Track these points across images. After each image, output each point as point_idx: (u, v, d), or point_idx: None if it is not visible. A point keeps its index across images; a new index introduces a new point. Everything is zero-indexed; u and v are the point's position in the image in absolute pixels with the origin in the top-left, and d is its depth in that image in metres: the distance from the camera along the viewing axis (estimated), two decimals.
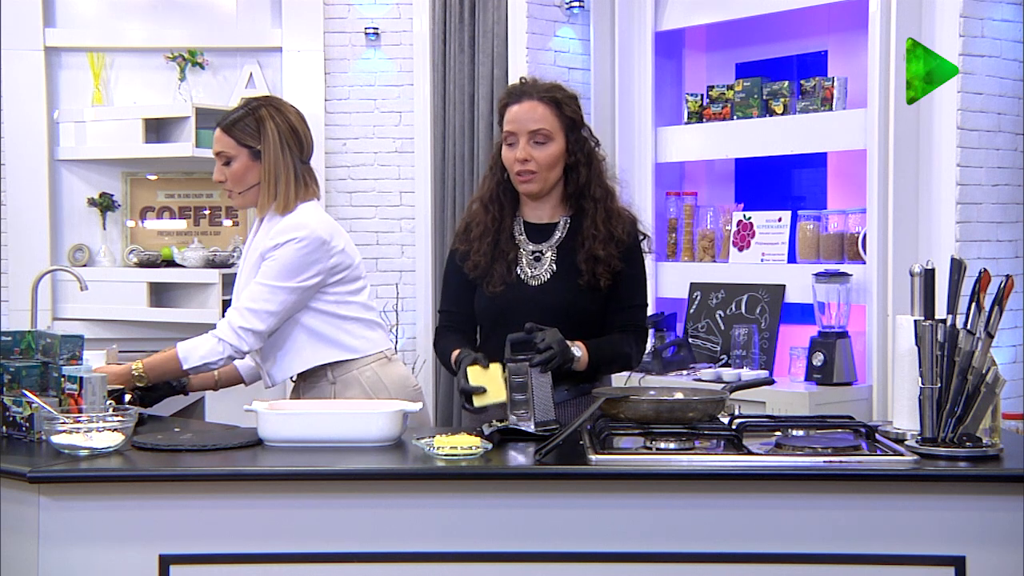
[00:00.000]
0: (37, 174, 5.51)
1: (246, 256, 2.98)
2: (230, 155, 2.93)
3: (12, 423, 2.53)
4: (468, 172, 5.38)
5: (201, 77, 5.59)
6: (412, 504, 2.24)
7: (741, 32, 5.10)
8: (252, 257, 2.93)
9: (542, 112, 2.76)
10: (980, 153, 4.26)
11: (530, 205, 2.86)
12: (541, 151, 2.76)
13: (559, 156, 2.77)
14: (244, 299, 2.87)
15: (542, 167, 2.76)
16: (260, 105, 2.96)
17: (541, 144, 2.76)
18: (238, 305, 2.87)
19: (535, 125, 2.75)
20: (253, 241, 2.97)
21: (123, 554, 2.23)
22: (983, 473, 2.20)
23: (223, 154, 2.94)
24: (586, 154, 2.79)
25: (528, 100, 2.77)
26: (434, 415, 5.39)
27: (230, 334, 2.84)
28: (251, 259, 2.93)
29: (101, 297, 5.37)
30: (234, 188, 2.96)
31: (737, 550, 2.21)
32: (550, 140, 2.76)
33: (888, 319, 4.19)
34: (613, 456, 2.27)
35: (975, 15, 4.21)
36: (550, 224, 2.84)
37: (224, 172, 2.95)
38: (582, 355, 2.66)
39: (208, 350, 2.85)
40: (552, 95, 2.78)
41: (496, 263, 2.82)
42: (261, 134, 2.92)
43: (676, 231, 5.12)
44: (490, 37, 5.30)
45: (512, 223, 2.86)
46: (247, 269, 2.94)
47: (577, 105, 2.83)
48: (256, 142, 2.92)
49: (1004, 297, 2.29)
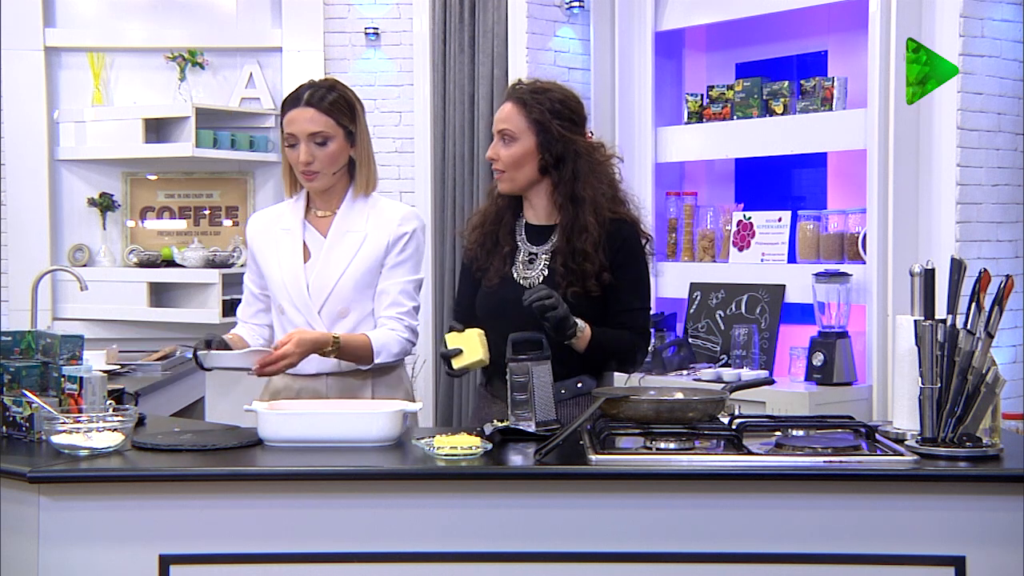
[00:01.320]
0: (37, 174, 5.52)
1: (337, 235, 2.89)
2: (328, 135, 2.84)
3: (12, 423, 2.53)
4: (468, 172, 5.38)
5: (201, 77, 5.59)
6: (412, 504, 2.24)
7: (741, 32, 5.10)
8: (351, 238, 2.88)
9: (508, 112, 2.80)
10: (980, 153, 4.26)
11: (526, 205, 2.87)
12: (505, 150, 2.79)
13: (524, 157, 2.78)
14: (404, 299, 2.88)
15: (507, 166, 2.79)
16: (340, 84, 2.92)
17: (506, 144, 2.79)
18: (405, 306, 2.87)
19: (501, 125, 2.80)
20: (340, 220, 2.90)
21: (123, 554, 2.23)
22: (983, 473, 2.20)
23: (320, 134, 2.83)
24: (555, 156, 2.77)
25: (506, 101, 2.83)
26: (434, 415, 5.39)
27: (410, 335, 2.88)
28: (350, 240, 2.87)
29: (101, 297, 5.38)
30: (326, 170, 2.87)
31: (737, 550, 2.21)
32: (515, 140, 2.78)
33: (888, 319, 4.19)
34: (613, 456, 2.27)
35: (975, 15, 4.21)
36: (548, 227, 2.84)
37: (314, 153, 2.84)
38: (585, 329, 2.66)
39: (399, 349, 2.86)
40: (523, 96, 2.79)
41: (492, 257, 2.84)
42: (354, 115, 2.90)
43: (676, 231, 5.12)
44: (490, 37, 5.30)
45: (514, 221, 2.87)
46: (358, 249, 2.87)
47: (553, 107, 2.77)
48: (352, 123, 2.88)
49: (1004, 297, 2.29)
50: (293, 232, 2.93)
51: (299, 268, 2.89)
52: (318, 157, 2.85)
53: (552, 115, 2.77)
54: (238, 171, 5.72)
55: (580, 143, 2.81)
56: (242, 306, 3.05)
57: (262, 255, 2.96)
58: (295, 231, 2.93)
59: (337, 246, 2.89)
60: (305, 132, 2.84)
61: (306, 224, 2.94)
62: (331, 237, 2.90)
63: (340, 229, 2.91)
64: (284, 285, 2.90)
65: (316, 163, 2.85)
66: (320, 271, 2.88)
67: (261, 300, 3.00)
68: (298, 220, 2.94)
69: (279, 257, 2.92)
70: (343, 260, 2.88)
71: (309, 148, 2.84)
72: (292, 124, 2.86)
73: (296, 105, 2.87)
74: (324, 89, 2.89)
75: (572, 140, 2.79)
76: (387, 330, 2.86)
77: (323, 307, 2.87)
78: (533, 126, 2.77)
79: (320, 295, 2.87)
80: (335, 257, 2.88)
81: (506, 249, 2.84)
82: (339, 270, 2.87)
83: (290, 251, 2.92)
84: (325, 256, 2.89)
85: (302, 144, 2.84)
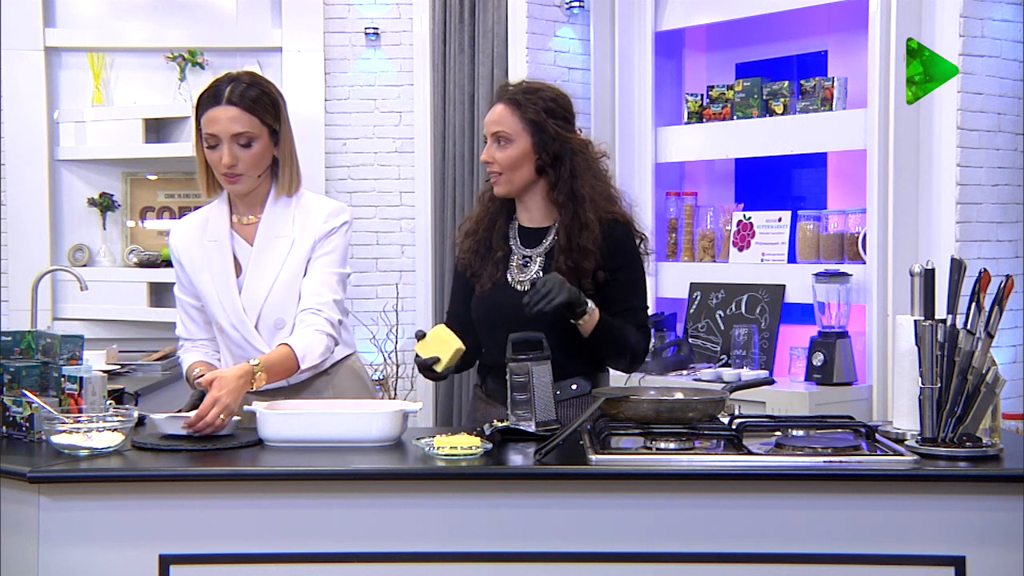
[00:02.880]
0: (37, 174, 5.51)
1: (264, 243, 2.75)
2: (253, 135, 2.68)
3: (12, 423, 2.53)
4: (468, 172, 5.38)
5: (201, 77, 5.57)
6: (412, 504, 2.24)
7: (741, 32, 5.10)
8: (278, 244, 2.74)
9: (501, 113, 2.77)
10: (980, 153, 4.26)
11: (520, 207, 2.86)
12: (501, 152, 2.76)
13: (520, 158, 2.76)
14: (325, 290, 2.72)
15: (504, 168, 2.77)
16: (262, 79, 2.75)
17: (502, 146, 2.77)
18: (324, 297, 2.71)
19: (495, 127, 2.77)
20: (266, 226, 2.76)
21: (123, 554, 2.23)
22: (983, 473, 2.20)
23: (245, 135, 2.67)
24: (552, 156, 2.76)
25: (498, 103, 2.80)
26: (434, 415, 5.39)
27: (331, 328, 2.70)
28: (278, 246, 2.73)
29: (101, 297, 5.37)
30: (251, 172, 2.70)
31: (737, 550, 2.21)
32: (510, 142, 2.76)
33: (888, 319, 4.19)
34: (613, 456, 2.27)
35: (975, 15, 4.21)
36: (542, 229, 2.83)
37: (238, 155, 2.67)
38: (595, 311, 2.66)
39: (323, 347, 2.68)
40: (516, 97, 2.78)
41: (486, 262, 2.83)
42: (278, 112, 2.74)
43: (676, 231, 5.12)
44: (490, 37, 5.29)
45: (507, 224, 2.86)
46: (287, 255, 2.74)
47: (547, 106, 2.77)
48: (276, 121, 2.73)
49: (1004, 297, 2.29)
50: (221, 244, 2.78)
51: (231, 283, 2.75)
52: (242, 159, 2.68)
53: (547, 114, 2.77)
54: None
55: (575, 140, 2.80)
56: (181, 326, 2.88)
57: (193, 269, 2.80)
58: (223, 242, 2.78)
59: (264, 254, 2.76)
60: (228, 132, 2.66)
61: (232, 234, 2.79)
62: (258, 245, 2.76)
63: (266, 236, 2.76)
64: (220, 304, 2.76)
65: (240, 165, 2.68)
66: (250, 284, 2.75)
67: (200, 311, 2.85)
68: (224, 229, 2.78)
69: (211, 273, 2.77)
70: (272, 269, 2.74)
71: (232, 149, 2.67)
72: (213, 124, 2.67)
73: (216, 103, 2.67)
74: (245, 85, 2.70)
75: (567, 138, 2.79)
76: (306, 330, 2.68)
77: (258, 321, 2.75)
78: (529, 127, 2.76)
79: (254, 309, 2.75)
80: (264, 267, 2.75)
81: (499, 254, 2.83)
82: (269, 281, 2.74)
83: (220, 266, 2.77)
84: (254, 267, 2.75)
85: (224, 145, 2.67)
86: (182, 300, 2.87)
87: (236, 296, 2.76)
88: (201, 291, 2.80)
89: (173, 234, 2.86)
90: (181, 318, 2.88)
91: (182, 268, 2.83)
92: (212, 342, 2.88)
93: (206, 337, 2.87)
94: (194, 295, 2.84)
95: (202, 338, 2.88)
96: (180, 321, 2.89)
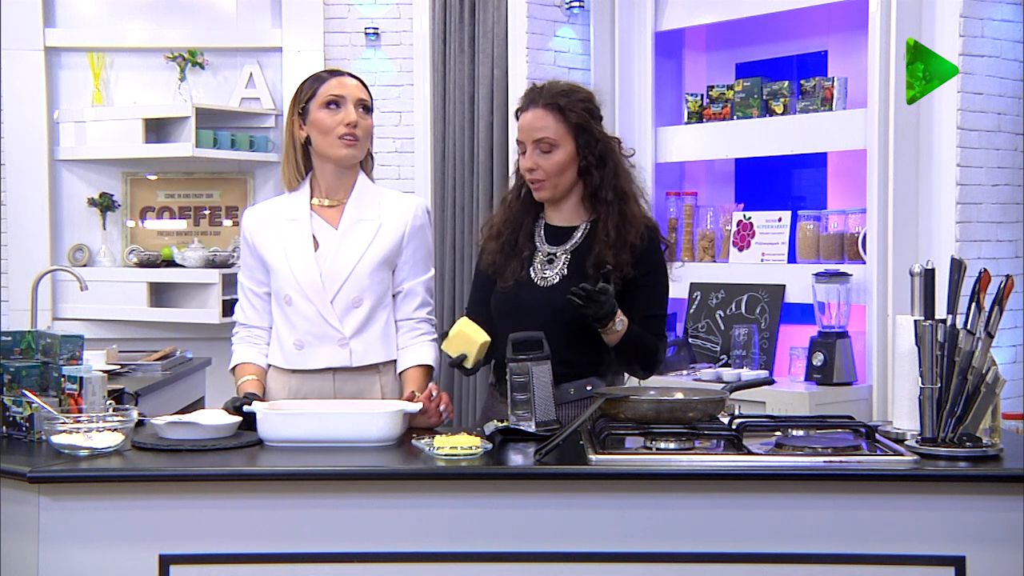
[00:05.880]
0: (37, 174, 5.52)
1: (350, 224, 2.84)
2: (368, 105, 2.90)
3: (12, 423, 2.53)
4: (468, 172, 5.38)
5: (201, 77, 5.59)
6: (412, 504, 2.24)
7: (741, 32, 5.10)
8: (365, 227, 2.84)
9: (545, 120, 2.74)
10: (980, 153, 4.26)
11: (551, 208, 2.85)
12: (547, 159, 2.74)
13: (567, 162, 2.75)
14: (428, 296, 2.91)
15: (550, 175, 2.75)
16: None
17: (547, 152, 2.74)
18: (430, 305, 2.91)
19: (539, 134, 2.74)
20: (353, 207, 2.86)
21: (123, 554, 2.23)
22: (983, 473, 2.20)
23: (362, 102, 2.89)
24: (597, 156, 2.76)
25: (534, 108, 2.77)
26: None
27: (435, 334, 2.88)
28: (364, 228, 2.84)
29: (101, 297, 5.38)
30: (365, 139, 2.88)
31: (737, 550, 2.21)
32: (555, 147, 2.74)
33: (888, 319, 4.19)
34: (613, 456, 2.27)
35: (975, 15, 4.21)
36: (569, 228, 2.82)
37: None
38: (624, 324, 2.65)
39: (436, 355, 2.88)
40: (556, 101, 2.75)
41: (510, 261, 2.81)
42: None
43: (676, 231, 5.12)
44: (490, 37, 5.30)
45: (533, 224, 2.85)
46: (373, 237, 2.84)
47: (586, 107, 2.77)
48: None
49: (1004, 297, 2.29)
50: (300, 222, 2.86)
51: (310, 257, 2.83)
52: (361, 125, 2.85)
53: (588, 115, 2.77)
54: (238, 171, 5.72)
55: (611, 139, 2.81)
56: (240, 311, 2.96)
57: (265, 247, 2.87)
58: (302, 221, 2.86)
59: (350, 234, 2.84)
60: (355, 96, 2.85)
61: (312, 215, 2.88)
62: (344, 225, 2.85)
63: (352, 217, 2.85)
64: (292, 274, 2.82)
65: (359, 129, 2.84)
66: (333, 259, 2.82)
67: (262, 298, 2.93)
68: (304, 210, 2.87)
69: (284, 247, 2.85)
70: (358, 248, 2.83)
71: (358, 112, 2.84)
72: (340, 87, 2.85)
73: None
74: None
75: (608, 138, 2.79)
76: (423, 339, 2.87)
77: (336, 296, 2.81)
78: (572, 130, 2.74)
79: (334, 284, 2.81)
80: (349, 245, 2.83)
81: (525, 253, 2.82)
82: (354, 258, 2.82)
83: (298, 240, 2.85)
84: (338, 244, 2.83)
85: (349, 104, 2.82)
86: (244, 285, 2.94)
87: (315, 269, 2.82)
88: (272, 265, 2.86)
89: (246, 217, 2.95)
90: (241, 303, 2.96)
91: (252, 249, 2.90)
92: (267, 332, 2.93)
93: (262, 326, 2.93)
94: (258, 280, 2.91)
95: (258, 326, 2.94)
96: (239, 307, 2.97)
